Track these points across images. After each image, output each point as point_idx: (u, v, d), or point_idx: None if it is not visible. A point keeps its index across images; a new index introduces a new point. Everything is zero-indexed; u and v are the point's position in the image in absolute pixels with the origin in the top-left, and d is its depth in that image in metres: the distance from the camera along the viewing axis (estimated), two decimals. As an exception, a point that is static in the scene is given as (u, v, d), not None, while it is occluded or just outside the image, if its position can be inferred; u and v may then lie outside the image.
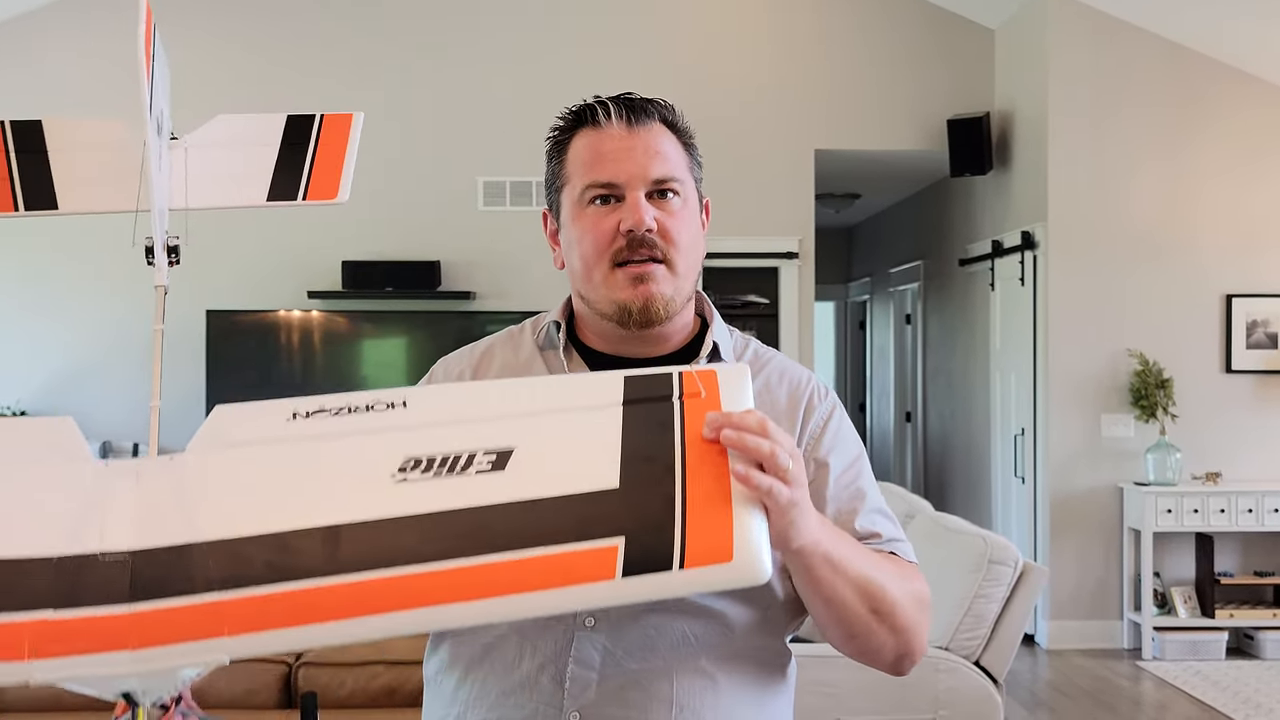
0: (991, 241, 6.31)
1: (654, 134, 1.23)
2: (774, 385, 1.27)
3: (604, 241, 1.21)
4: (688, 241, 1.23)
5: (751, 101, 6.26)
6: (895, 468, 8.73)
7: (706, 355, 1.27)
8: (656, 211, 1.21)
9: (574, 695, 1.12)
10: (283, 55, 6.17)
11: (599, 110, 1.24)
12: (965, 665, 3.28)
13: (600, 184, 1.21)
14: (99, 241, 6.11)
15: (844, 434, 1.27)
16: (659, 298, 1.20)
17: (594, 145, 1.23)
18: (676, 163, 1.24)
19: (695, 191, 1.29)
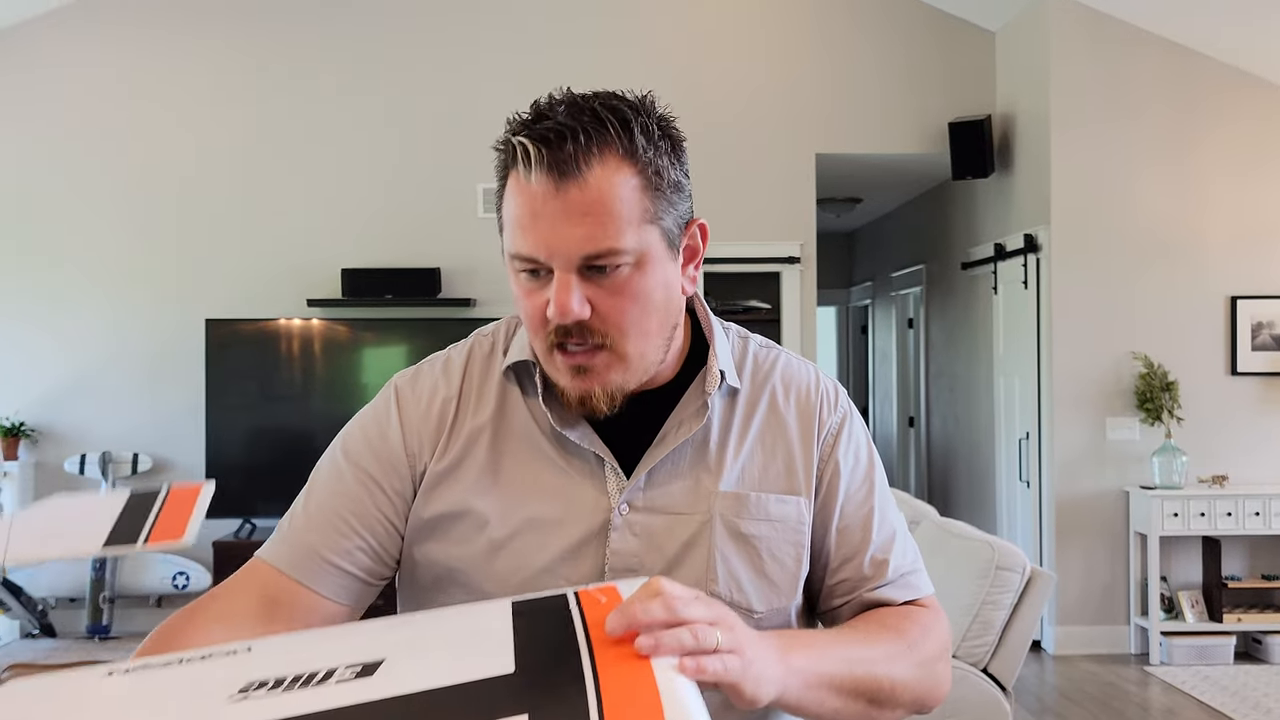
0: (994, 244, 6.28)
1: (590, 188, 0.97)
2: (779, 400, 1.14)
3: (536, 320, 1.03)
4: (639, 316, 1.01)
5: (752, 106, 6.24)
6: (898, 473, 8.69)
7: (714, 387, 1.10)
8: (591, 289, 0.99)
9: None
10: (281, 62, 6.15)
11: (519, 156, 0.99)
12: (973, 673, 3.24)
13: (520, 257, 1.01)
14: (97, 254, 6.08)
15: (854, 447, 1.17)
16: (601, 393, 1.03)
17: (517, 202, 1.00)
18: (623, 222, 0.98)
19: (664, 238, 1.03)
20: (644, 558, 1.05)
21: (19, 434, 5.92)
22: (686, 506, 1.07)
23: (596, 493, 1.07)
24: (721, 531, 1.07)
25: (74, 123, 6.13)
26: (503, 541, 1.06)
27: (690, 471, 1.08)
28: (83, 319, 6.07)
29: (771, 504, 1.09)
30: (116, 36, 6.17)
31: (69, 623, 5.94)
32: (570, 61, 6.19)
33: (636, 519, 1.06)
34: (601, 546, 1.05)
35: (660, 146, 1.02)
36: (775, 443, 1.12)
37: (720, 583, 1.06)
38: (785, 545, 1.09)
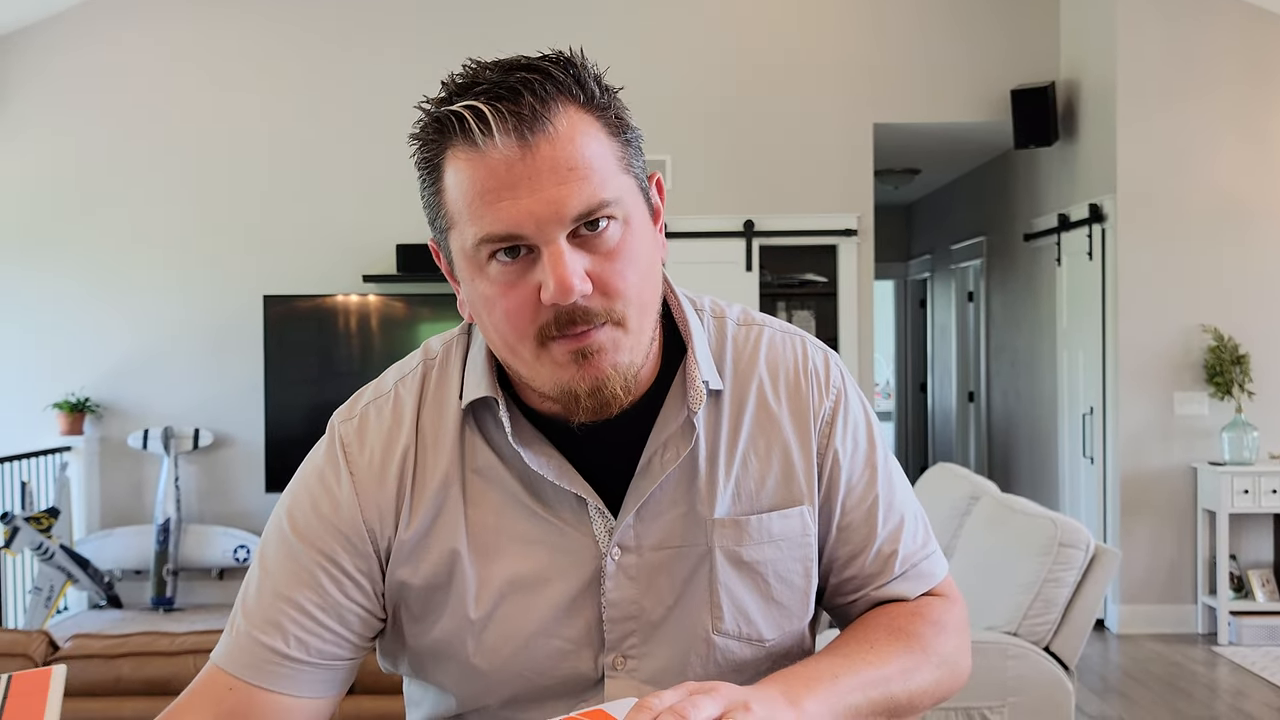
0: (1058, 215, 6.14)
1: (561, 139, 0.84)
2: (770, 398, 1.00)
3: (524, 317, 0.87)
4: (638, 280, 0.88)
5: (808, 75, 6.14)
6: (958, 448, 8.57)
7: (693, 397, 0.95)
8: (587, 259, 0.86)
9: None
10: (336, 39, 6.17)
11: (469, 121, 0.84)
12: (1035, 651, 3.18)
13: (494, 238, 0.85)
14: (160, 234, 6.17)
15: (852, 431, 1.03)
16: (614, 375, 0.88)
17: (475, 178, 0.85)
18: (603, 167, 0.86)
19: (639, 188, 0.91)
20: (643, 603, 0.95)
21: (84, 409, 6.04)
22: (681, 539, 0.96)
23: (583, 539, 0.95)
24: (722, 563, 0.96)
25: (135, 104, 6.21)
26: (487, 613, 0.95)
27: (682, 498, 0.96)
28: (145, 297, 6.17)
29: (774, 523, 0.98)
30: (174, 16, 6.22)
31: (134, 594, 6.07)
32: (623, 32, 6.14)
33: (630, 561, 0.95)
34: (596, 598, 0.95)
35: (608, 92, 0.90)
36: (770, 448, 0.99)
37: (726, 619, 0.97)
38: (792, 564, 0.99)
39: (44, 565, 5.43)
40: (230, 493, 6.10)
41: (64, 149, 6.23)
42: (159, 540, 5.84)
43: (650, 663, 0.96)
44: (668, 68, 6.15)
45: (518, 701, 0.97)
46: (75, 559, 5.54)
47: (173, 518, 5.86)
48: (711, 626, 0.96)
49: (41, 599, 5.41)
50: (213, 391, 6.10)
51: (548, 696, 0.96)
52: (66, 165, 6.23)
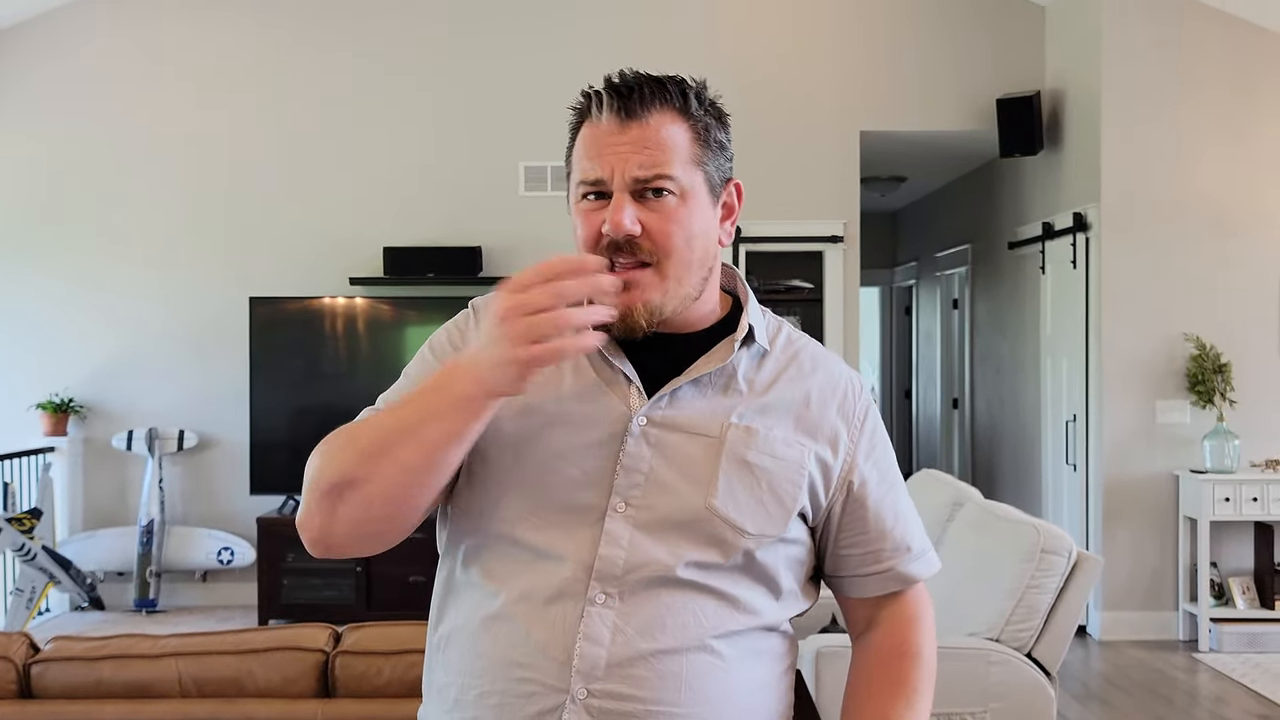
0: (1042, 223, 6.17)
1: (650, 126, 1.16)
2: (806, 375, 1.26)
3: (591, 240, 1.18)
4: (682, 242, 1.17)
5: (795, 83, 6.16)
6: (942, 455, 8.60)
7: (741, 340, 1.23)
8: (643, 212, 1.16)
9: (582, 672, 1.12)
10: (324, 43, 6.16)
11: (593, 100, 1.19)
12: (1017, 657, 3.20)
13: (587, 181, 1.18)
14: (145, 235, 6.15)
15: (881, 431, 1.30)
16: (640, 309, 1.16)
17: (588, 139, 1.19)
18: (674, 156, 1.16)
19: (706, 182, 1.20)
20: (654, 464, 1.17)
21: (68, 410, 6.01)
22: (700, 428, 1.18)
23: (620, 405, 1.19)
24: (729, 454, 1.17)
25: (120, 106, 6.19)
26: (534, 433, 1.19)
27: (711, 403, 1.20)
28: (130, 298, 6.14)
29: (779, 444, 1.20)
30: (158, 18, 6.21)
31: (117, 596, 6.04)
32: (614, 42, 6.15)
33: (653, 431, 1.18)
34: (616, 448, 1.17)
35: (709, 112, 1.21)
36: (793, 402, 1.23)
37: (720, 498, 1.16)
38: (786, 483, 1.19)
39: (26, 566, 5.40)
40: (215, 494, 6.08)
41: (48, 150, 6.20)
42: (142, 542, 5.81)
43: (645, 514, 1.15)
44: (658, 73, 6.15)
45: (537, 515, 1.17)
46: (58, 560, 5.51)
47: (156, 519, 5.83)
48: (705, 501, 1.16)
49: (23, 600, 5.38)
50: (197, 393, 6.08)
51: (557, 519, 1.16)
52: (51, 166, 6.20)
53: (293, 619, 5.37)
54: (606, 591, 1.14)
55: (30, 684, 2.27)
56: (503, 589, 1.17)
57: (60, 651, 2.30)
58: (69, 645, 2.32)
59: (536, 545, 1.16)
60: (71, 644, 2.33)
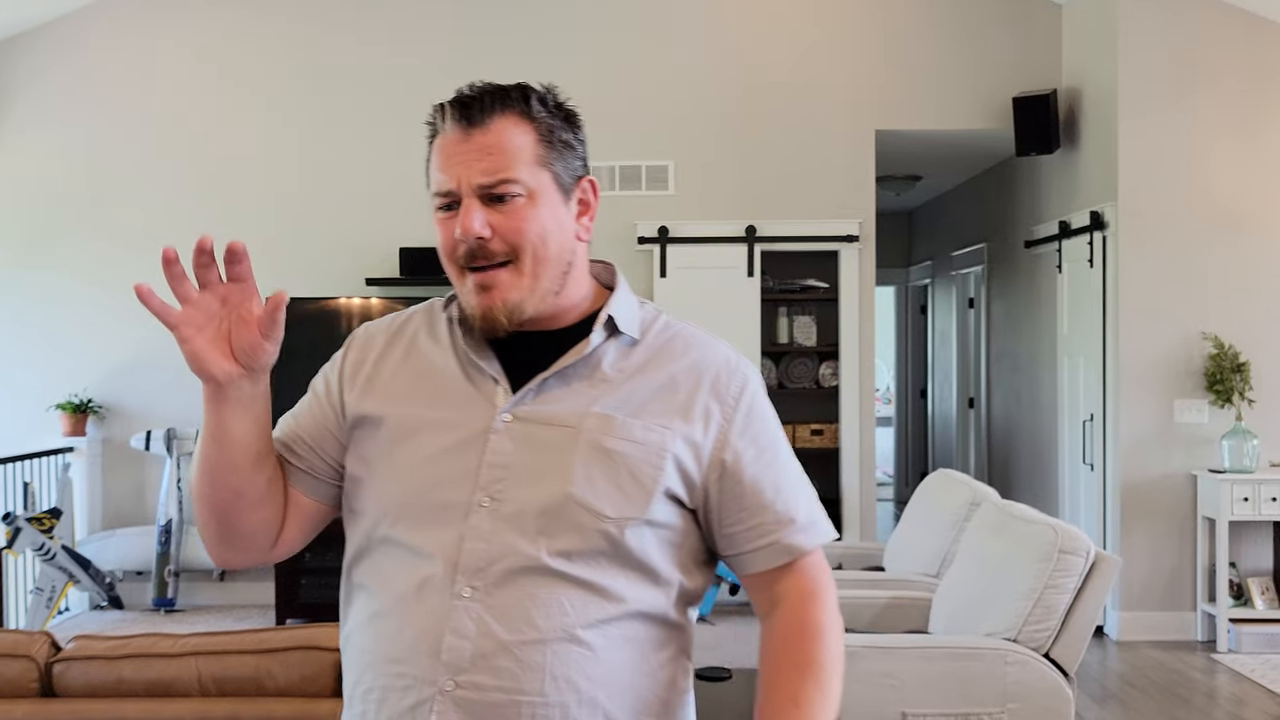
0: (1059, 222, 6.15)
1: (492, 132, 1.21)
2: (676, 359, 1.28)
3: (448, 248, 1.23)
4: (535, 240, 1.21)
5: (811, 82, 6.15)
6: (958, 454, 8.58)
7: (602, 325, 1.26)
8: (493, 216, 1.20)
9: (449, 665, 1.16)
10: (340, 43, 6.18)
11: (438, 114, 1.24)
12: (1034, 658, 3.19)
13: (440, 193, 1.23)
14: (163, 236, 6.18)
15: (759, 407, 1.30)
16: (500, 307, 1.21)
17: (438, 151, 1.24)
18: (517, 159, 1.21)
19: (555, 181, 1.24)
20: (516, 457, 1.21)
21: (87, 411, 6.06)
22: (562, 420, 1.22)
23: (486, 405, 1.24)
24: (586, 443, 1.21)
25: (139, 107, 6.22)
26: (408, 432, 1.25)
27: (575, 397, 1.24)
28: (148, 298, 6.17)
29: (637, 429, 1.22)
30: (179, 18, 6.24)
31: (136, 595, 6.07)
32: (625, 40, 6.16)
33: (516, 427, 1.22)
34: (482, 446, 1.22)
35: (554, 114, 1.25)
36: (660, 388, 1.25)
37: (578, 486, 1.19)
38: (644, 465, 1.21)
39: (46, 566, 5.44)
40: (231, 495, 6.10)
41: (67, 150, 6.24)
42: (161, 541, 5.85)
43: (508, 506, 1.20)
44: (671, 74, 6.16)
45: (408, 516, 1.22)
46: (77, 560, 5.54)
47: (175, 519, 5.87)
48: (564, 489, 1.19)
49: (43, 599, 5.42)
50: (215, 393, 6.10)
51: (428, 518, 1.21)
52: (70, 167, 6.24)
53: (310, 618, 5.40)
54: (472, 585, 1.17)
55: (52, 683, 2.29)
56: (383, 588, 1.23)
57: (82, 650, 2.32)
58: (90, 644, 2.34)
59: (411, 544, 1.21)
60: (93, 643, 2.34)
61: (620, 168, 6.18)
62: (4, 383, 6.21)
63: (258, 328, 1.20)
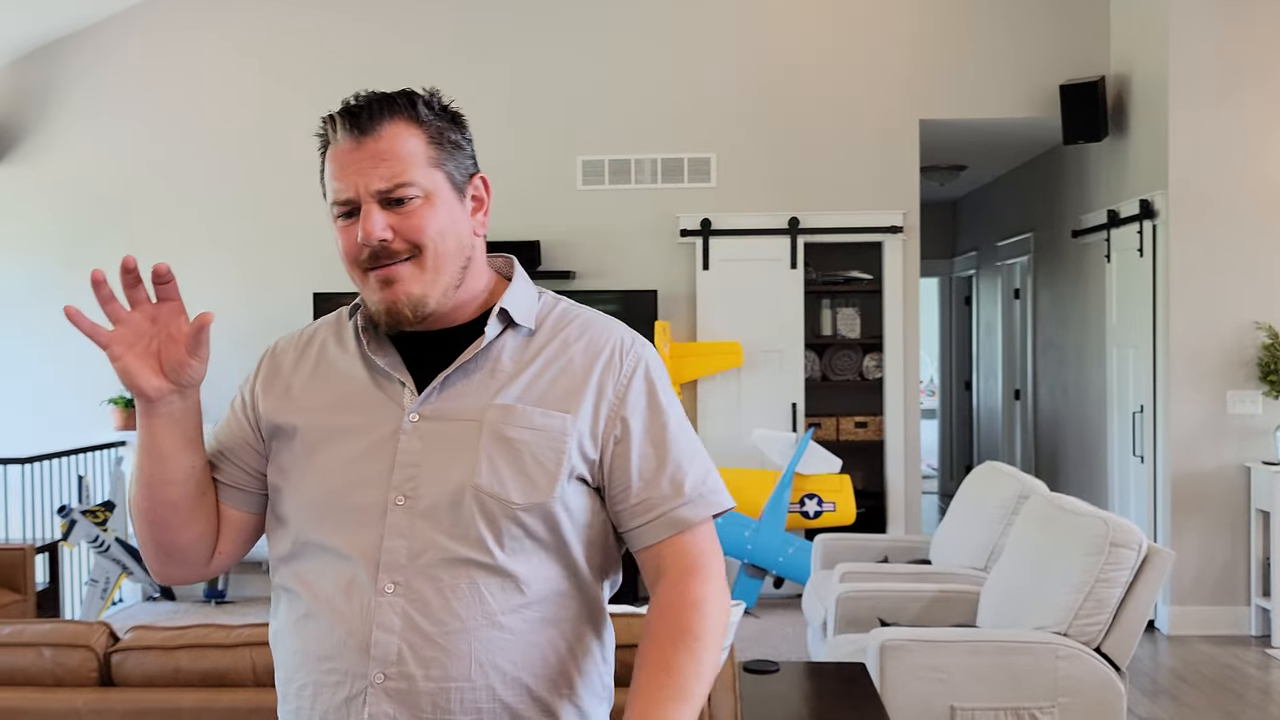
0: (1107, 211, 6.06)
1: (384, 138, 1.25)
2: (571, 343, 1.32)
3: (351, 253, 1.28)
4: (435, 236, 1.26)
5: (853, 72, 6.11)
6: (1004, 447, 8.50)
7: (496, 316, 1.30)
8: (392, 218, 1.25)
9: (378, 659, 1.21)
10: (381, 37, 6.23)
11: (328, 126, 1.29)
12: (1085, 652, 3.15)
13: (339, 202, 1.28)
14: (212, 232, 6.27)
15: (648, 385, 1.32)
16: (404, 300, 1.26)
17: (333, 161, 1.28)
18: (411, 162, 1.25)
19: (448, 180, 1.29)
20: (425, 455, 1.25)
21: (138, 405, 6.15)
22: (465, 415, 1.26)
23: (394, 407, 1.28)
24: (489, 434, 1.25)
25: (184, 104, 6.31)
26: (321, 439, 1.30)
27: (477, 390, 1.28)
28: (198, 294, 6.25)
29: (537, 416, 1.26)
30: (229, 18, 6.32)
31: (186, 587, 6.17)
32: (666, 33, 6.15)
33: (423, 426, 1.26)
34: (393, 447, 1.26)
35: (441, 116, 1.31)
36: (558, 373, 1.30)
37: (483, 476, 1.23)
38: (547, 450, 1.25)
39: (100, 558, 5.54)
40: (280, 488, 6.18)
41: (115, 149, 6.34)
42: (210, 534, 5.93)
43: (421, 503, 1.24)
44: (712, 66, 6.14)
45: (328, 520, 1.27)
46: (130, 552, 5.64)
47: (224, 512, 5.94)
48: (471, 480, 1.23)
49: (98, 591, 5.52)
50: (263, 388, 6.18)
51: (347, 520, 1.26)
52: (118, 165, 6.34)
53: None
54: (395, 581, 1.22)
55: (111, 672, 2.33)
56: (310, 591, 1.28)
57: (139, 641, 2.36)
58: (147, 635, 2.38)
59: (332, 547, 1.26)
60: (150, 634, 2.38)
61: (662, 160, 6.17)
62: (58, 379, 6.32)
63: (184, 346, 1.25)
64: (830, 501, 5.90)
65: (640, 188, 6.19)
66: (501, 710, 1.24)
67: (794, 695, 2.82)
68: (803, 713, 2.73)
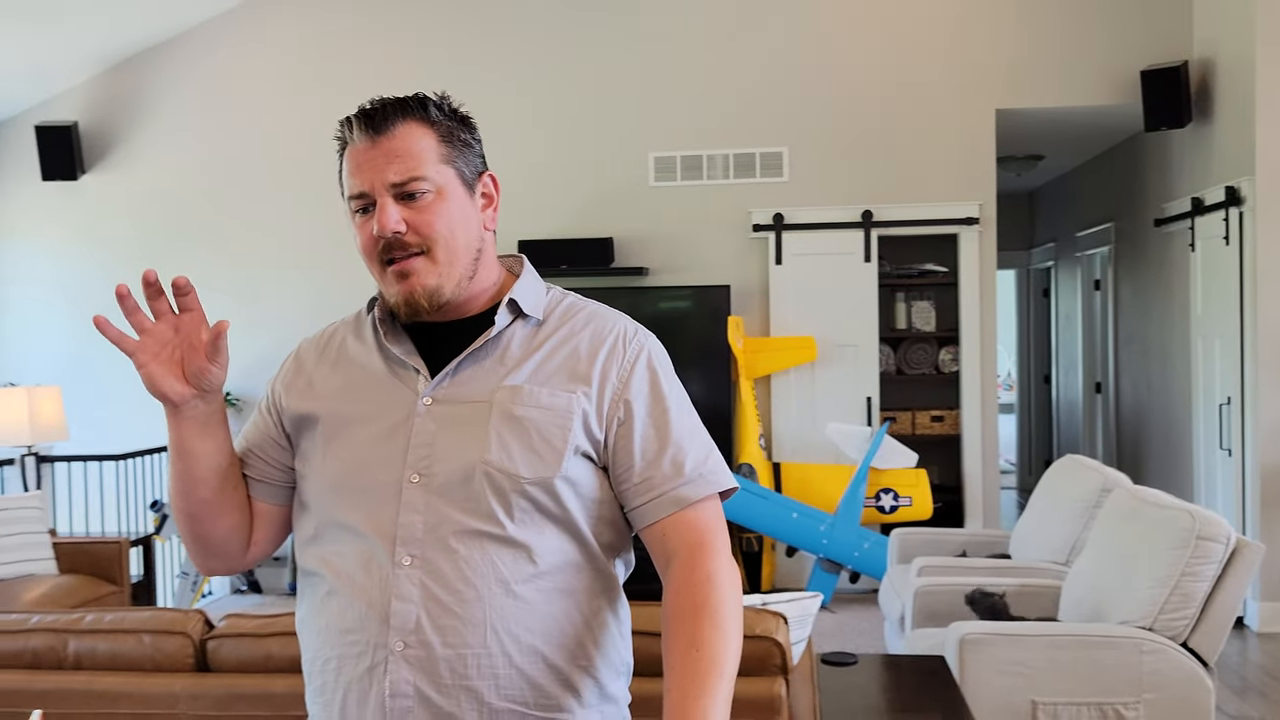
0: (1191, 199, 5.92)
1: (398, 137, 1.33)
2: (577, 332, 1.39)
3: (369, 246, 1.35)
4: (446, 229, 1.33)
5: (929, 62, 6.05)
6: (1085, 442, 8.34)
7: (505, 306, 1.37)
8: (406, 212, 1.32)
9: (398, 628, 1.28)
10: (456, 38, 6.32)
11: (345, 127, 1.37)
12: (1171, 647, 3.10)
13: (355, 196, 1.35)
14: (292, 237, 6.42)
15: (650, 372, 1.38)
16: (420, 291, 1.33)
17: (349, 160, 1.36)
18: (423, 159, 1.33)
19: (459, 177, 1.36)
20: (439, 435, 1.32)
21: (225, 403, 6.33)
22: (475, 397, 1.34)
23: (409, 393, 1.36)
24: (498, 414, 1.32)
25: (270, 111, 6.47)
26: (341, 425, 1.37)
27: (487, 375, 1.35)
28: (280, 296, 6.42)
29: (544, 395, 1.33)
30: (310, 25, 6.46)
31: (272, 580, 6.33)
32: (740, 27, 6.14)
33: (436, 409, 1.34)
34: (408, 429, 1.33)
35: (451, 117, 1.38)
36: (564, 359, 1.37)
37: (493, 453, 1.30)
38: (553, 428, 1.32)
39: (190, 551, 5.71)
40: (360, 483, 6.31)
41: (204, 156, 6.53)
42: (295, 528, 6.08)
43: (435, 480, 1.31)
44: (783, 59, 6.13)
45: (347, 500, 1.34)
46: (218, 546, 5.80)
47: (307, 507, 6.09)
48: (481, 457, 1.30)
49: (188, 583, 5.69)
50: (343, 385, 6.32)
51: (366, 500, 1.33)
52: (206, 172, 6.53)
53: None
54: (411, 554, 1.29)
55: (206, 658, 2.42)
56: (332, 570, 1.34)
57: (233, 628, 2.44)
58: (240, 623, 2.46)
59: (351, 525, 1.33)
60: (242, 621, 2.47)
61: (734, 155, 6.17)
62: (148, 377, 6.53)
63: (204, 353, 1.32)
64: (906, 496, 5.85)
65: (712, 183, 6.20)
66: (518, 677, 1.29)
67: (872, 687, 2.82)
68: (880, 704, 2.73)
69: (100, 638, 2.42)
